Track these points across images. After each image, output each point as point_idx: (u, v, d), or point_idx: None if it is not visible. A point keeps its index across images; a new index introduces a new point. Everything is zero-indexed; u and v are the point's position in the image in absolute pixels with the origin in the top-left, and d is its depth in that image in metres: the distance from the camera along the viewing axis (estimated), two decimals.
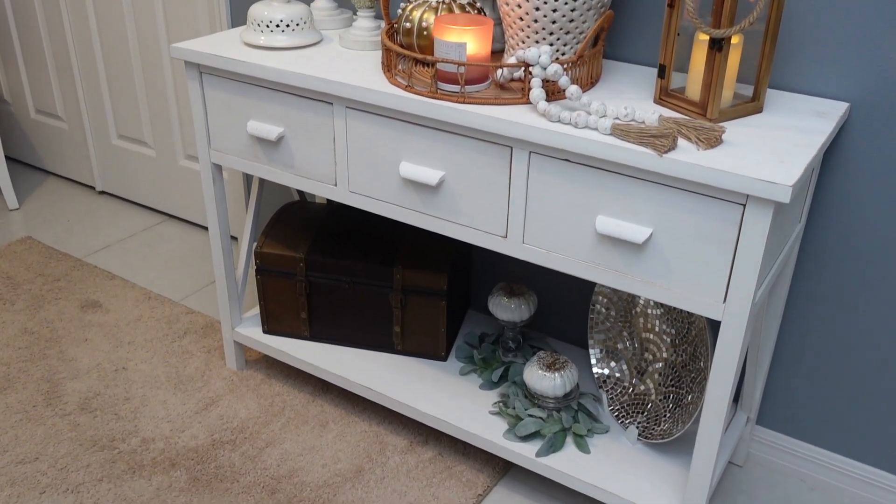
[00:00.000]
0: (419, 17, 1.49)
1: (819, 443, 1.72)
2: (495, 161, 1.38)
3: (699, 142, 1.23)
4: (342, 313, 1.90)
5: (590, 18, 1.42)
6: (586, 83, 1.46)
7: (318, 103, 1.55)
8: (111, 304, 2.31)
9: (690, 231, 1.24)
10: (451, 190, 1.45)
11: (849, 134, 1.46)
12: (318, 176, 1.62)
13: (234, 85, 1.65)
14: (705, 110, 1.32)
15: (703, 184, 1.18)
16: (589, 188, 1.30)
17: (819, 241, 1.57)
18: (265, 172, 1.69)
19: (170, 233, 2.73)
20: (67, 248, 2.62)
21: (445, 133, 1.42)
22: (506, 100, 1.38)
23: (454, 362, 1.88)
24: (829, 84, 1.45)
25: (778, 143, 1.25)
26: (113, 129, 2.81)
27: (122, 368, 2.05)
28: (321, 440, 1.83)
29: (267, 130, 1.62)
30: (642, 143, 1.23)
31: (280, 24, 1.65)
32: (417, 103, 1.40)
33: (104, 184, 2.97)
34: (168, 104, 2.59)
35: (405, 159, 1.49)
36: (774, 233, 1.24)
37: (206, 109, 1.73)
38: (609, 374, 1.78)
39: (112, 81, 2.70)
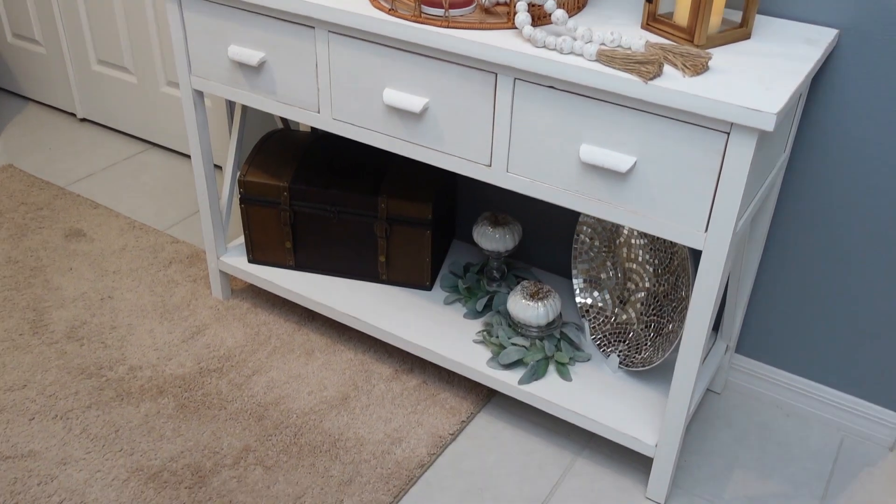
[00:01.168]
0: None
1: (796, 370, 1.75)
2: (480, 88, 1.36)
3: (685, 68, 1.21)
4: (327, 243, 1.90)
5: None
6: (573, 8, 1.43)
7: (300, 27, 1.51)
8: (95, 233, 2.30)
9: (674, 160, 1.23)
10: (436, 117, 1.44)
11: (837, 61, 1.45)
12: (300, 103, 1.60)
13: (214, 7, 1.61)
14: (693, 36, 1.30)
15: (688, 111, 1.17)
16: (573, 116, 1.29)
17: (803, 171, 1.56)
18: (247, 99, 1.67)
19: (153, 161, 2.70)
20: (50, 176, 2.59)
21: (429, 59, 1.39)
22: (491, 24, 1.36)
23: (439, 292, 1.89)
24: (819, 10, 1.42)
25: (764, 70, 1.24)
26: (92, 54, 2.74)
27: (108, 297, 2.05)
28: (307, 368, 1.85)
29: (248, 55, 1.59)
30: (627, 70, 1.21)
31: None
32: (400, 27, 1.37)
33: (85, 111, 2.92)
34: (148, 28, 2.53)
35: (389, 86, 1.46)
36: (758, 161, 1.23)
37: (185, 33, 1.69)
38: (592, 304, 1.79)
39: (90, 4, 2.63)
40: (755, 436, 1.73)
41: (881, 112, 1.44)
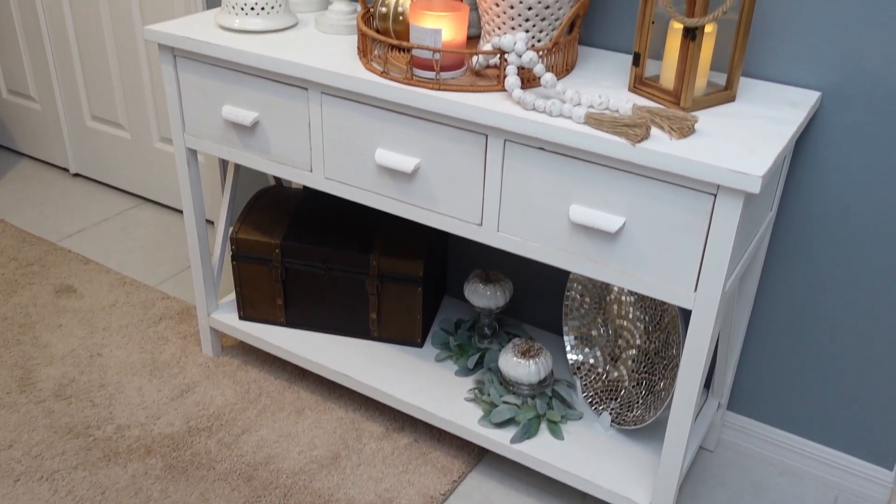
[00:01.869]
0: (395, 2, 1.48)
1: (789, 428, 1.75)
2: (470, 148, 1.38)
3: (672, 131, 1.24)
4: (318, 299, 1.90)
5: (565, 5, 1.41)
6: (562, 70, 1.46)
7: (294, 88, 1.53)
8: (86, 289, 2.29)
9: (663, 220, 1.24)
10: (427, 177, 1.45)
11: (821, 123, 1.48)
12: (293, 162, 1.61)
13: (209, 69, 1.63)
14: (679, 99, 1.33)
15: (675, 173, 1.19)
16: (563, 177, 1.31)
17: (790, 228, 1.58)
18: (240, 158, 1.68)
19: (145, 216, 2.71)
20: (41, 231, 2.59)
21: (421, 120, 1.41)
22: (481, 87, 1.38)
23: (430, 349, 1.89)
24: (802, 73, 1.46)
25: (749, 132, 1.26)
26: (87, 110, 2.77)
27: (97, 354, 2.04)
28: (297, 427, 1.83)
29: (242, 115, 1.61)
30: (616, 133, 1.23)
31: (255, 6, 1.63)
32: (393, 90, 1.39)
33: (78, 166, 2.93)
34: (143, 85, 2.56)
35: (381, 146, 1.48)
36: (745, 222, 1.25)
37: (180, 93, 1.71)
38: (583, 361, 1.79)
39: (85, 62, 2.66)
40: (750, 494, 1.72)
41: (864, 172, 1.47)
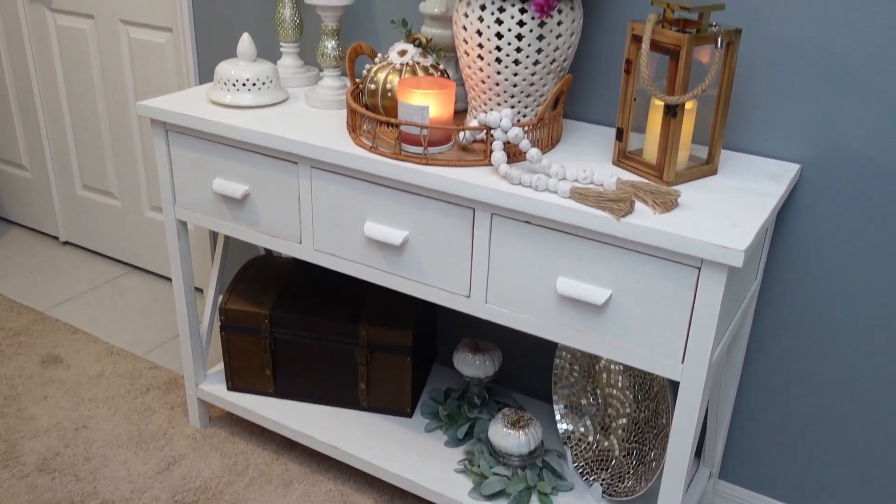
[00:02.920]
0: (384, 78, 1.52)
1: (781, 496, 1.74)
2: (458, 222, 1.40)
3: (655, 206, 1.26)
4: (307, 370, 1.89)
5: (550, 82, 1.45)
6: (547, 144, 1.49)
7: (284, 162, 1.56)
8: (73, 359, 2.27)
9: (649, 293, 1.26)
10: (416, 250, 1.47)
11: (801, 194, 1.51)
12: (283, 234, 1.63)
13: (201, 143, 1.66)
14: (662, 173, 1.36)
15: (660, 247, 1.21)
16: (550, 250, 1.33)
17: (775, 297, 1.60)
18: (230, 230, 1.70)
19: (133, 284, 2.71)
20: (29, 300, 2.58)
21: (409, 194, 1.43)
22: (468, 161, 1.41)
23: (420, 419, 1.88)
24: (781, 147, 1.49)
25: (731, 206, 1.29)
26: (78, 179, 2.79)
27: (83, 427, 2.01)
28: (285, 500, 1.81)
29: (232, 188, 1.63)
30: (600, 207, 1.25)
31: (247, 82, 1.67)
32: (381, 164, 1.42)
33: (68, 234, 2.94)
34: (134, 155, 2.59)
35: (370, 219, 1.50)
36: (729, 294, 1.26)
37: (171, 167, 1.73)
38: (573, 430, 1.78)
39: (78, 132, 2.69)
40: None
41: (845, 241, 1.49)
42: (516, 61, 1.40)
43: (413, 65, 1.51)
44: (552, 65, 1.42)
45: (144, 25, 2.36)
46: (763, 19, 1.44)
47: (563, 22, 1.39)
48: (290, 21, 1.81)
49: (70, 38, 2.54)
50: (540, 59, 1.40)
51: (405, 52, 1.53)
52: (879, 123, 1.40)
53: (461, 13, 1.42)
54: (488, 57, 1.40)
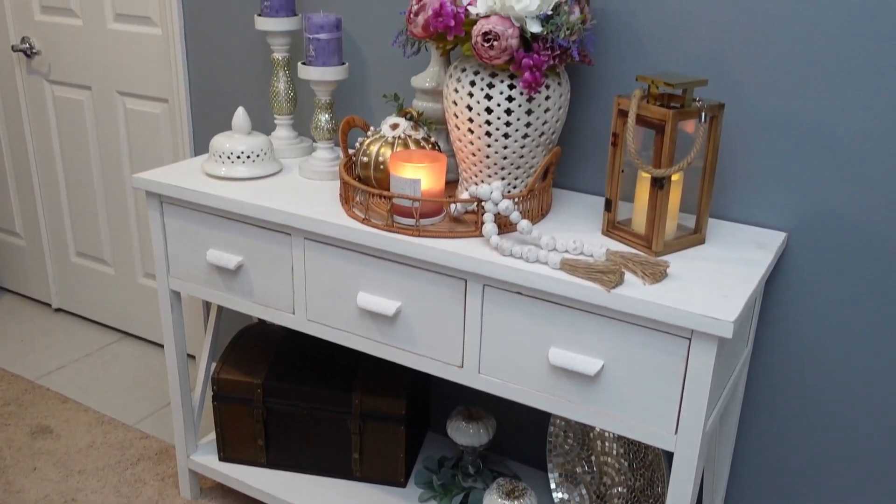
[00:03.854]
0: (376, 151, 1.54)
1: None
2: (450, 292, 1.41)
3: (645, 276, 1.27)
4: (300, 439, 1.88)
5: (539, 154, 1.48)
6: (537, 215, 1.51)
7: (278, 234, 1.58)
8: (63, 430, 2.25)
9: (640, 363, 1.26)
10: (408, 320, 1.47)
11: (788, 261, 1.53)
12: (276, 304, 1.63)
13: (195, 214, 1.68)
14: (650, 243, 1.38)
15: (650, 318, 1.22)
16: (541, 320, 1.34)
17: (767, 363, 1.61)
18: (224, 300, 1.70)
19: (126, 351, 2.70)
20: (20, 369, 2.57)
21: (402, 265, 1.45)
22: (459, 233, 1.43)
23: (414, 489, 1.86)
24: (768, 215, 1.52)
25: (720, 275, 1.31)
26: (72, 247, 2.80)
27: (72, 500, 1.98)
28: None
29: (226, 259, 1.64)
30: (590, 279, 1.27)
31: (241, 155, 1.69)
32: (374, 236, 1.44)
33: (60, 301, 2.94)
34: (129, 222, 2.61)
35: (363, 289, 1.51)
36: (721, 363, 1.27)
37: (165, 238, 1.75)
38: (569, 499, 1.77)
39: (73, 200, 2.72)
40: None
41: (832, 307, 1.51)
42: (506, 135, 1.43)
43: (405, 138, 1.55)
44: (541, 137, 1.46)
45: (141, 96, 2.40)
46: (745, 93, 1.48)
47: (550, 97, 1.42)
48: (284, 94, 1.85)
49: (67, 109, 2.58)
50: (529, 133, 1.44)
51: (397, 126, 1.56)
52: (863, 191, 1.43)
53: (451, 88, 1.45)
54: (478, 131, 1.44)
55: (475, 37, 1.34)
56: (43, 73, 2.59)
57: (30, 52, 2.56)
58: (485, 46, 1.34)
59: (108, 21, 2.37)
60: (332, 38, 1.65)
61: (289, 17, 1.79)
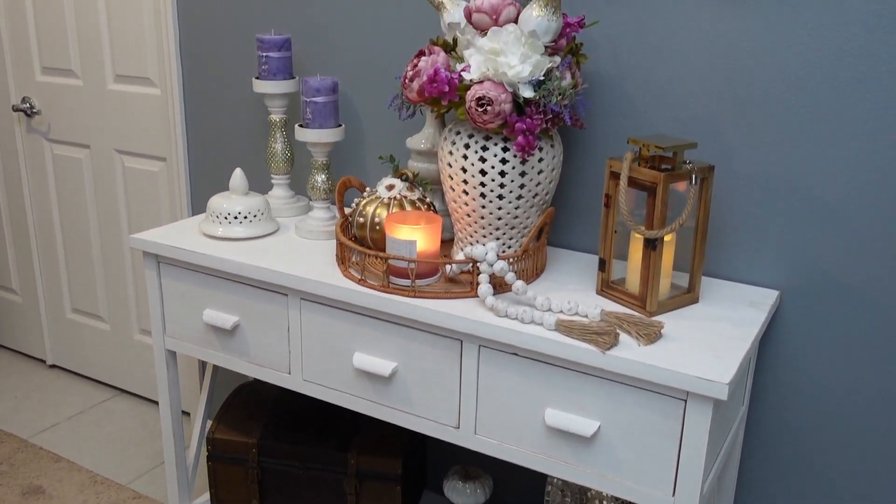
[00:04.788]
0: (372, 211, 1.56)
1: None
2: (446, 353, 1.42)
3: (640, 337, 1.28)
4: (296, 499, 1.86)
5: (533, 215, 1.50)
6: (532, 274, 1.53)
7: (274, 294, 1.58)
8: (55, 490, 2.23)
9: (637, 425, 1.26)
10: (404, 380, 1.48)
11: (781, 320, 1.54)
12: (272, 364, 1.64)
13: (192, 275, 1.68)
14: (645, 303, 1.39)
15: (645, 380, 1.23)
16: (537, 381, 1.34)
17: (763, 421, 1.60)
18: (220, 360, 1.70)
19: (120, 408, 2.68)
20: (13, 427, 2.55)
21: (398, 325, 1.45)
22: (455, 293, 1.44)
23: None
24: (760, 273, 1.54)
25: (714, 335, 1.31)
26: (68, 303, 2.81)
27: None
28: None
29: (223, 319, 1.65)
30: (585, 340, 1.27)
31: (238, 215, 1.71)
32: (370, 297, 1.44)
33: (55, 357, 2.93)
34: (125, 279, 2.61)
35: (359, 350, 1.51)
36: (717, 424, 1.27)
37: (162, 297, 1.75)
38: None
39: (70, 257, 2.73)
40: None
41: (827, 365, 1.51)
42: (500, 196, 1.45)
43: (400, 199, 1.56)
44: (535, 198, 1.48)
45: (139, 155, 2.43)
46: (735, 155, 1.50)
47: (544, 158, 1.45)
48: (281, 154, 1.87)
49: (66, 167, 2.61)
50: (523, 194, 1.46)
51: (393, 187, 1.58)
52: (852, 251, 1.44)
53: (446, 150, 1.48)
54: (473, 192, 1.46)
55: (469, 102, 1.37)
56: (42, 131, 2.62)
57: (30, 111, 2.60)
58: (479, 111, 1.36)
59: (109, 81, 2.41)
60: (329, 101, 1.68)
61: (286, 79, 1.82)
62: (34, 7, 2.49)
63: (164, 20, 2.15)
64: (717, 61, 1.48)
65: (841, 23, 1.37)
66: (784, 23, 1.41)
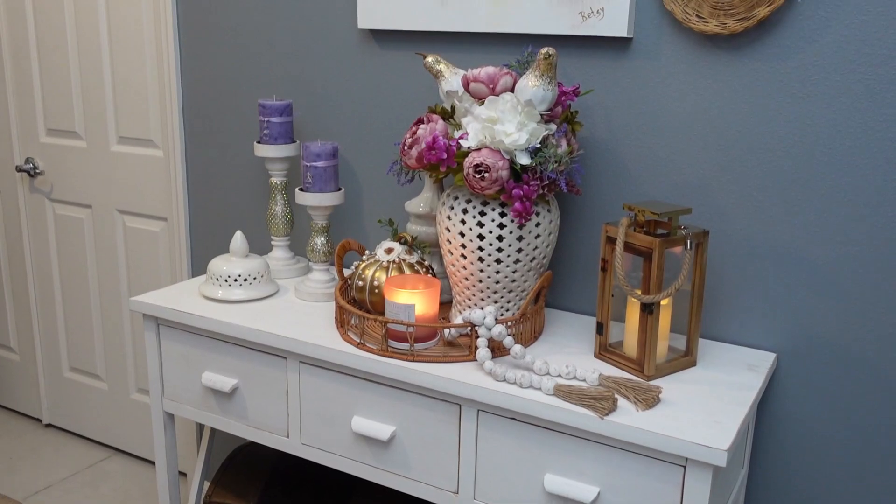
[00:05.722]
0: (371, 275, 1.58)
1: None
2: (445, 417, 1.42)
3: (638, 402, 1.29)
4: None
5: (531, 278, 1.52)
6: (530, 337, 1.53)
7: (273, 357, 1.59)
8: None
9: (636, 490, 1.26)
10: (403, 445, 1.47)
11: (779, 382, 1.54)
12: (270, 427, 1.63)
13: (191, 337, 1.69)
14: (642, 367, 1.39)
15: (644, 446, 1.23)
16: (536, 446, 1.34)
17: (763, 484, 1.60)
18: (218, 423, 1.70)
19: (115, 469, 2.65)
20: (7, 489, 2.52)
21: (396, 389, 1.46)
22: (454, 357, 1.44)
23: None
24: (757, 335, 1.55)
25: (712, 399, 1.32)
26: (65, 361, 2.80)
27: None
28: None
29: (222, 382, 1.65)
30: (583, 405, 1.28)
31: (238, 278, 1.72)
32: (369, 361, 1.45)
33: (51, 416, 2.91)
34: (123, 338, 2.61)
35: (357, 413, 1.51)
36: (717, 489, 1.27)
37: (161, 360, 1.75)
38: None
39: (69, 316, 2.73)
40: None
41: (824, 426, 1.51)
42: (498, 260, 1.47)
43: (399, 262, 1.58)
44: (532, 262, 1.49)
45: (140, 215, 2.45)
46: (729, 220, 1.53)
47: (541, 223, 1.47)
48: (281, 217, 1.90)
49: (67, 227, 2.63)
50: (521, 258, 1.47)
51: (392, 250, 1.60)
52: (847, 313, 1.46)
53: (444, 215, 1.50)
54: (471, 256, 1.47)
55: (467, 168, 1.40)
56: (45, 192, 2.65)
57: (33, 172, 2.63)
58: (476, 178, 1.39)
59: (112, 143, 2.45)
60: (329, 165, 1.71)
61: (287, 144, 1.85)
62: (40, 70, 2.54)
63: (167, 83, 2.19)
64: (709, 128, 1.52)
65: (830, 92, 1.40)
66: (774, 93, 1.45)
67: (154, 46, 2.25)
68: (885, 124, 1.37)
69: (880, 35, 1.35)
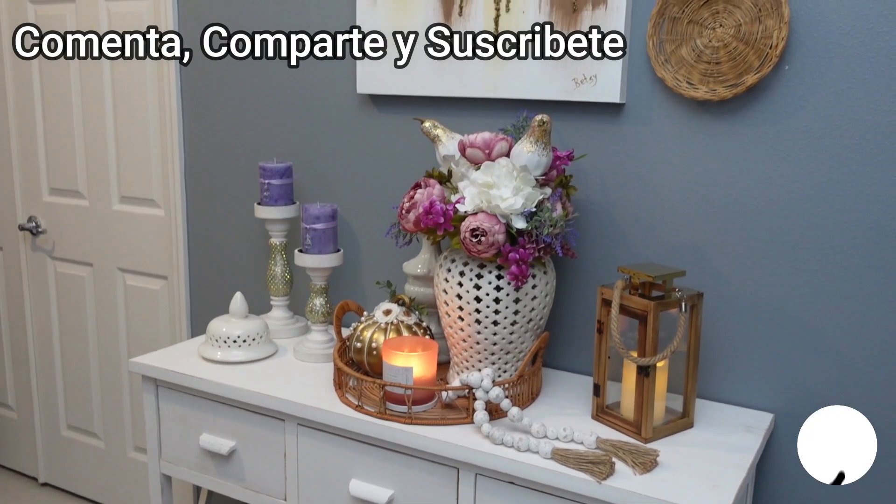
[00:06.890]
0: (369, 337, 1.59)
1: None
2: (443, 481, 1.41)
3: (635, 466, 1.29)
4: None
5: (528, 340, 1.53)
6: (527, 399, 1.54)
7: (271, 419, 1.59)
8: None
9: None
10: None
11: (777, 442, 1.54)
12: (267, 490, 1.62)
13: (190, 399, 1.69)
14: (640, 430, 1.40)
15: None
16: None
17: None
18: (215, 485, 1.69)
19: None
20: None
21: (394, 452, 1.46)
22: (451, 420, 1.44)
23: None
24: (754, 395, 1.55)
25: (710, 462, 1.32)
26: (63, 419, 2.79)
27: None
28: None
29: (219, 444, 1.65)
30: (581, 469, 1.28)
31: (237, 339, 1.73)
32: (366, 424, 1.45)
33: (48, 475, 2.89)
34: (122, 396, 2.61)
35: (355, 477, 1.51)
36: None
37: (159, 421, 1.75)
38: None
39: (68, 374, 2.73)
40: None
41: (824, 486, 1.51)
42: (495, 322, 1.48)
43: (397, 324, 1.59)
44: (529, 324, 1.50)
45: (141, 273, 2.47)
46: (723, 281, 1.55)
47: (537, 285, 1.48)
48: (280, 277, 1.91)
49: (68, 285, 2.65)
50: (517, 320, 1.49)
51: (390, 312, 1.61)
52: (841, 374, 1.46)
53: (442, 277, 1.52)
54: (468, 318, 1.49)
55: (464, 232, 1.42)
56: (47, 250, 2.67)
57: (35, 230, 2.66)
58: (473, 241, 1.41)
59: (114, 202, 2.48)
60: (328, 227, 1.73)
61: (287, 205, 1.88)
62: (44, 130, 2.58)
63: (170, 145, 2.23)
64: (701, 191, 1.54)
65: (818, 156, 1.43)
66: (763, 157, 1.48)
67: (157, 109, 2.30)
68: (872, 186, 1.40)
69: (865, 101, 1.38)
